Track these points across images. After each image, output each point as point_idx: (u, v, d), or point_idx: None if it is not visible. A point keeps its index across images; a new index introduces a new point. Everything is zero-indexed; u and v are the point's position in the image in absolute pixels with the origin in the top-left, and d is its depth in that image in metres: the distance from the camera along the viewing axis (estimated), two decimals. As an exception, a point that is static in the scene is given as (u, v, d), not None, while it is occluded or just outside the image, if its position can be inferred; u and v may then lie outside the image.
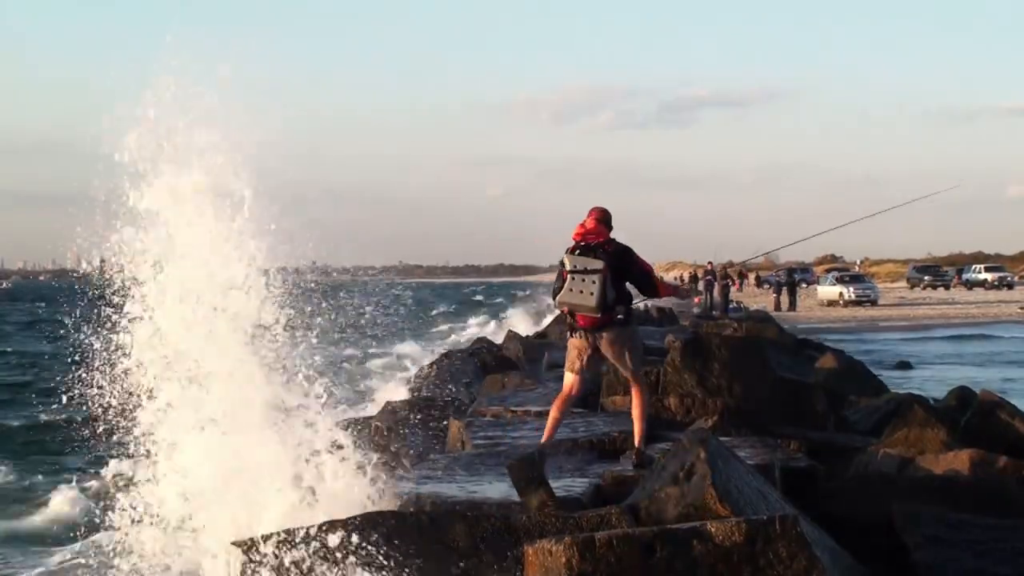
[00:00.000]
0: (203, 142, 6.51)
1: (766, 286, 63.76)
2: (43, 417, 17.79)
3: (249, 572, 5.41)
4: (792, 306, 45.74)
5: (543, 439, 7.62)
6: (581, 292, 7.28)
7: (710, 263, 47.27)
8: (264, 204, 6.55)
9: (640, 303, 10.27)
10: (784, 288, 47.37)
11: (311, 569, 5.30)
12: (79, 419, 8.85)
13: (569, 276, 7.31)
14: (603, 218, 7.55)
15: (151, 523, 6.39)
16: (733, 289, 42.11)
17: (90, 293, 6.95)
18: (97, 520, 7.59)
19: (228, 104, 6.46)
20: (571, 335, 7.60)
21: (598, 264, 7.30)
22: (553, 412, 7.63)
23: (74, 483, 12.72)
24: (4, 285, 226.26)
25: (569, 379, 7.60)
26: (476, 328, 41.87)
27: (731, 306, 37.70)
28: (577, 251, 7.39)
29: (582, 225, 7.52)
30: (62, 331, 7.38)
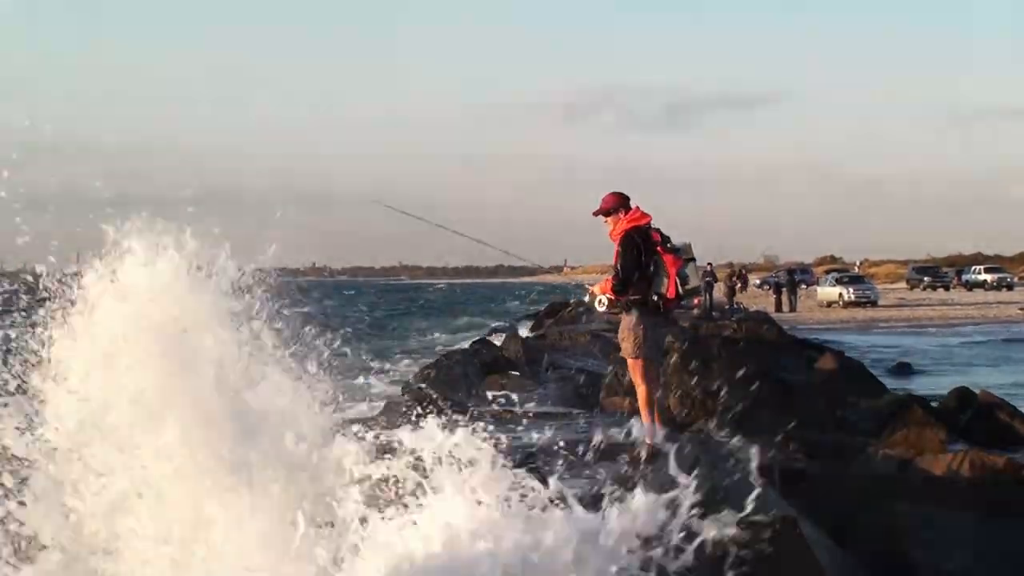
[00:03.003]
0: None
1: (765, 287, 63.72)
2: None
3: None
4: (792, 307, 45.74)
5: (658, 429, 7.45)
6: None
7: (709, 264, 47.33)
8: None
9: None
10: (784, 289, 47.37)
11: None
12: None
13: (684, 263, 7.45)
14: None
15: None
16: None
17: None
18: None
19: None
20: (646, 317, 7.50)
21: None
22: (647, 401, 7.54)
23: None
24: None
25: (641, 364, 7.48)
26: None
27: (727, 307, 37.66)
28: (666, 241, 7.47)
29: (644, 215, 7.50)
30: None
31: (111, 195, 6.12)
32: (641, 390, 7.49)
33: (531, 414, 10.16)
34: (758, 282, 72.51)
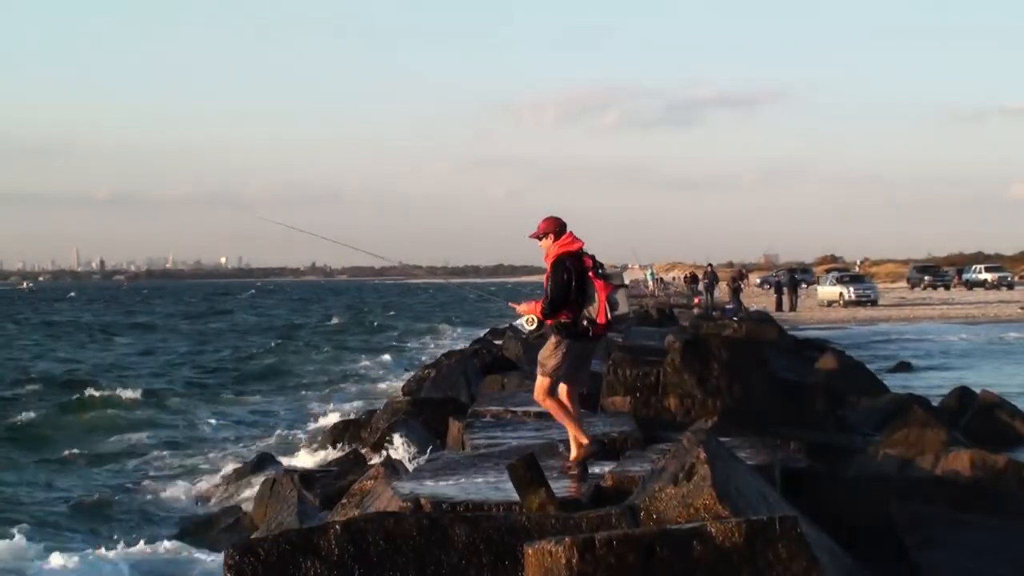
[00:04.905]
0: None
1: (765, 287, 63.70)
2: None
3: (248, 573, 5.38)
4: (792, 306, 45.74)
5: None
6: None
7: (710, 264, 47.39)
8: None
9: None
10: (784, 288, 47.37)
11: (308, 572, 5.28)
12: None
13: (615, 288, 7.44)
14: None
15: None
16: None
17: None
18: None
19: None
20: (572, 341, 7.50)
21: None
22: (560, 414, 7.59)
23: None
24: (27, 285, 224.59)
25: (548, 383, 7.52)
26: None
27: (728, 307, 37.62)
28: (598, 267, 7.49)
29: (575, 240, 7.52)
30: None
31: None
32: (547, 404, 7.56)
33: (531, 414, 10.15)
34: (758, 282, 72.48)
